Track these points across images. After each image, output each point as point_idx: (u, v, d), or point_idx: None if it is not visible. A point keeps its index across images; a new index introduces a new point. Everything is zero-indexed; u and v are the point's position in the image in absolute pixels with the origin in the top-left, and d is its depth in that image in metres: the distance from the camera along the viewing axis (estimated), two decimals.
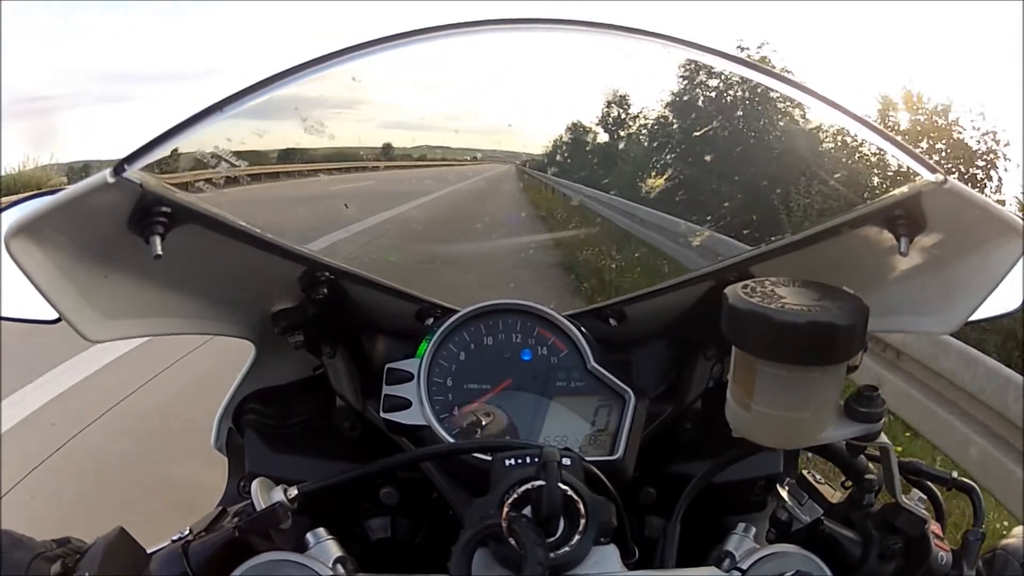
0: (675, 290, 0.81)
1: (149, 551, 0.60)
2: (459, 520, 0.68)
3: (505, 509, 0.52)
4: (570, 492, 0.54)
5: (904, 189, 0.63)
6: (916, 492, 0.67)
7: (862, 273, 0.72)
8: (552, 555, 0.51)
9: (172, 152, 0.57)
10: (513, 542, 0.51)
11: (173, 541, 0.60)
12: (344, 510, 0.74)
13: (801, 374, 0.54)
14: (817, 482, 0.70)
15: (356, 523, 0.77)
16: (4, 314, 0.70)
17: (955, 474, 0.71)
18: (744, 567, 0.57)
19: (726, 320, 0.55)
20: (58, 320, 0.60)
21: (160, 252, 0.57)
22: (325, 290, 0.75)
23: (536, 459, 0.56)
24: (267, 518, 0.57)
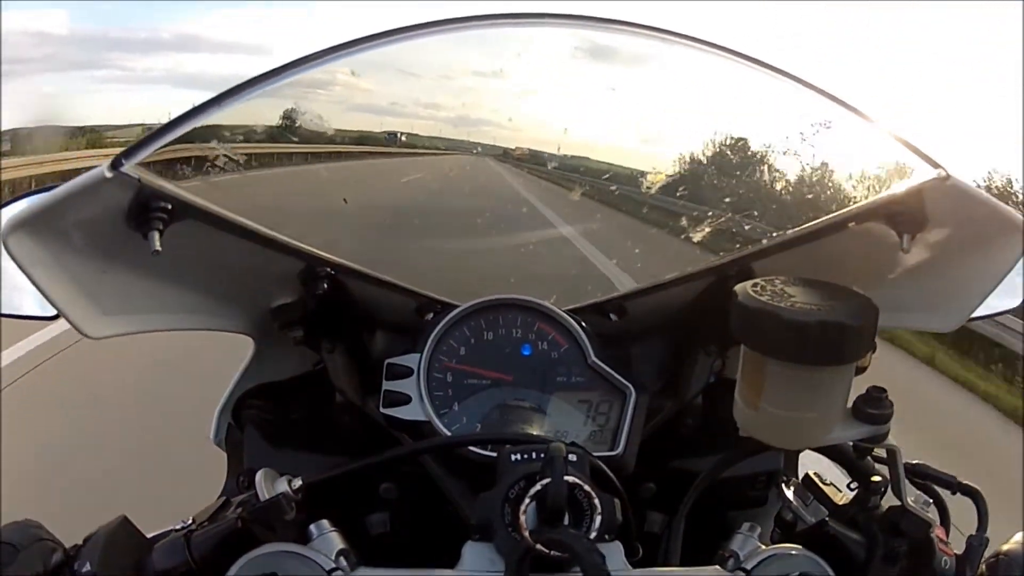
0: (676, 285, 0.81)
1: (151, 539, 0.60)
2: (459, 515, 0.68)
3: (521, 518, 0.52)
4: (577, 489, 0.54)
5: (906, 185, 0.62)
6: (922, 495, 0.66)
7: (863, 269, 0.72)
8: (555, 553, 0.51)
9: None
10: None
11: (175, 530, 0.60)
12: (344, 505, 0.74)
13: (810, 374, 0.53)
14: (823, 483, 0.69)
15: (355, 519, 0.77)
16: (3, 311, 0.70)
17: (960, 478, 0.71)
18: (748, 567, 0.56)
19: (735, 318, 0.55)
20: (56, 317, 0.59)
21: (159, 247, 0.56)
22: (325, 285, 0.75)
23: (542, 454, 0.55)
24: (271, 509, 0.57)
